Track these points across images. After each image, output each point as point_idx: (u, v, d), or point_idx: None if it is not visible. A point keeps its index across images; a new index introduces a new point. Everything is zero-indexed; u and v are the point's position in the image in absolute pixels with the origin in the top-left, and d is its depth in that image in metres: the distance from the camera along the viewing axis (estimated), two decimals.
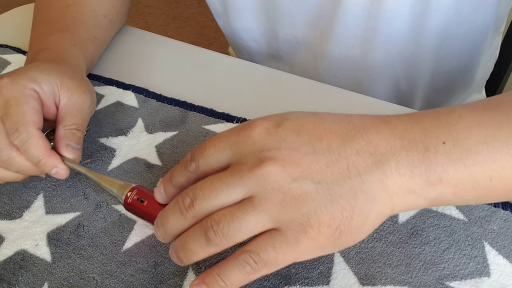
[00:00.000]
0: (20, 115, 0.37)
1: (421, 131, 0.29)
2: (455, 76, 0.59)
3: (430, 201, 0.29)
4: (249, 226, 0.27)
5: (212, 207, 0.28)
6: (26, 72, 0.40)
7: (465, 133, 0.28)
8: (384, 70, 0.57)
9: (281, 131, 0.29)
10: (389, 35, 0.52)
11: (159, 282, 0.34)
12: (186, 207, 0.28)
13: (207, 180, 0.29)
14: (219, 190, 0.28)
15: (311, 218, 0.27)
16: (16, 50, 0.58)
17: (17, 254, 0.36)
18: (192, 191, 0.29)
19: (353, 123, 0.29)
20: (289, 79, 0.51)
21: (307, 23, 0.56)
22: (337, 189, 0.27)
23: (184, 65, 0.54)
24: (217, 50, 0.56)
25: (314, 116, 0.30)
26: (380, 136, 0.28)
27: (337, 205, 0.27)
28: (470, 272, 0.33)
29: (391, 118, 0.30)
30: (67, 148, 0.38)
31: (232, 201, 0.28)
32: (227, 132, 0.30)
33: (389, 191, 0.28)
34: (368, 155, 0.28)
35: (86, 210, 0.39)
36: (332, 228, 0.27)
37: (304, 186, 0.27)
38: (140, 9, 2.10)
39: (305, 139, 0.28)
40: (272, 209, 0.27)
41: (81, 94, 0.41)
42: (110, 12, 0.54)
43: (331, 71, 0.60)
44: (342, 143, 0.28)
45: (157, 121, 0.46)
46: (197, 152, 0.30)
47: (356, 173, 0.27)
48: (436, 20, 0.50)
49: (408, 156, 0.28)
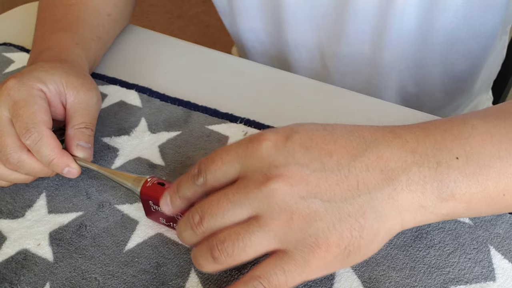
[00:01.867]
0: (30, 115, 0.37)
1: (433, 145, 0.28)
2: (464, 78, 0.59)
3: (441, 217, 0.28)
4: (254, 246, 0.27)
5: (220, 224, 0.28)
6: (32, 73, 0.40)
7: (478, 147, 0.28)
8: (393, 69, 0.57)
9: (289, 146, 0.28)
10: (398, 34, 0.52)
11: (161, 283, 0.33)
12: (195, 224, 0.28)
13: (214, 197, 0.28)
14: (225, 209, 0.28)
15: (319, 238, 0.26)
16: (20, 49, 0.58)
17: (19, 254, 0.36)
18: (200, 208, 0.29)
19: (363, 136, 0.29)
20: (294, 79, 0.51)
21: (312, 23, 0.56)
22: (346, 208, 0.27)
23: (188, 64, 0.54)
24: (221, 50, 0.56)
25: (324, 129, 0.29)
26: (391, 150, 0.28)
27: (346, 224, 0.26)
28: (475, 276, 0.32)
29: (402, 131, 0.29)
30: (77, 148, 0.38)
31: (238, 220, 0.28)
32: (235, 145, 0.29)
33: (399, 208, 0.27)
34: (379, 171, 0.27)
35: (89, 210, 0.39)
36: (341, 248, 0.27)
37: (312, 205, 0.26)
38: (144, 7, 2.10)
39: (314, 155, 0.27)
40: (279, 229, 0.27)
41: (86, 92, 0.41)
42: (113, 11, 0.54)
43: (341, 70, 0.60)
44: (352, 159, 0.27)
45: (160, 121, 0.46)
46: (204, 165, 0.30)
47: (366, 191, 0.27)
48: (444, 21, 0.50)
49: (420, 171, 0.27)
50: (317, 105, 0.47)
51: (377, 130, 0.29)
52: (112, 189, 0.40)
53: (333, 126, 0.30)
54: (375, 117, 0.45)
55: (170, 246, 0.36)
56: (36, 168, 0.38)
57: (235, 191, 0.28)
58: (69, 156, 0.38)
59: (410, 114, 0.45)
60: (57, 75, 0.40)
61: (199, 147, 0.43)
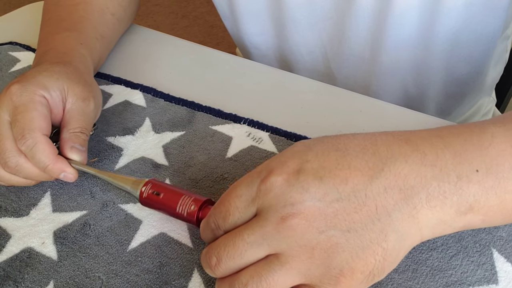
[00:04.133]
0: (27, 121, 0.37)
1: (453, 157, 0.27)
2: (466, 82, 0.58)
3: (458, 229, 0.28)
4: (279, 285, 0.27)
5: (239, 265, 0.28)
6: (36, 77, 0.40)
7: (498, 158, 0.27)
8: (393, 74, 0.57)
9: (302, 180, 0.27)
10: (397, 39, 0.52)
11: (164, 283, 0.34)
12: (213, 266, 0.28)
13: (229, 239, 0.28)
14: (243, 250, 0.27)
15: (343, 269, 0.26)
16: (26, 48, 0.58)
17: (24, 252, 0.37)
18: (216, 250, 0.28)
19: (378, 153, 0.27)
20: (297, 80, 0.51)
21: (313, 26, 0.56)
22: (368, 234, 0.26)
23: (192, 65, 0.54)
24: (225, 50, 0.56)
25: (336, 151, 0.28)
26: (409, 167, 0.27)
27: (369, 250, 0.26)
28: (477, 279, 0.32)
29: (419, 141, 0.28)
30: (72, 150, 0.39)
31: (257, 259, 0.27)
32: (246, 187, 0.28)
33: (419, 225, 0.27)
34: (397, 191, 0.27)
35: (93, 209, 0.39)
36: (365, 274, 0.26)
37: (333, 238, 0.26)
38: (149, 7, 2.11)
39: (329, 185, 0.26)
40: (301, 266, 0.26)
41: (84, 100, 0.41)
42: (118, 10, 0.55)
43: (343, 72, 0.60)
44: (369, 182, 0.27)
45: (164, 120, 0.46)
46: (221, 220, 0.29)
47: (385, 213, 0.26)
48: (445, 27, 0.50)
49: (440, 187, 0.27)
50: (321, 106, 0.47)
51: (393, 142, 0.28)
52: (116, 188, 0.40)
53: (345, 143, 0.28)
54: (378, 118, 0.45)
55: (173, 246, 0.36)
56: (33, 173, 0.38)
57: (251, 232, 0.27)
58: (64, 161, 0.38)
59: (414, 116, 0.45)
60: (60, 81, 0.40)
61: (202, 147, 0.43)
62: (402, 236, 0.27)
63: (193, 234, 0.37)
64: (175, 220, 0.37)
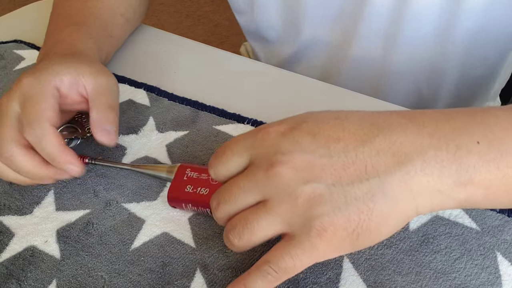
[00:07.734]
0: (37, 112, 0.37)
1: (453, 130, 0.27)
2: (479, 83, 0.58)
3: (459, 203, 0.28)
4: (262, 230, 0.28)
5: (234, 209, 0.29)
6: (47, 67, 0.40)
7: (500, 133, 0.27)
8: (405, 75, 0.56)
9: (296, 134, 0.28)
10: (412, 39, 0.51)
11: (166, 282, 0.34)
12: (214, 209, 0.30)
13: (227, 185, 0.30)
14: (236, 195, 0.29)
15: (324, 222, 0.26)
16: (31, 46, 0.58)
17: (27, 250, 0.37)
18: (218, 194, 0.30)
19: (376, 122, 0.28)
20: (301, 80, 0.51)
21: (330, 23, 0.55)
22: (353, 191, 0.26)
23: (197, 64, 0.54)
24: (229, 49, 0.56)
25: (336, 118, 0.29)
26: (406, 136, 0.27)
27: (353, 207, 0.26)
28: (481, 282, 0.32)
29: (420, 115, 0.28)
30: (102, 133, 0.39)
31: (249, 204, 0.29)
32: (245, 135, 0.30)
33: (413, 192, 0.27)
34: (390, 156, 0.27)
35: (96, 208, 0.39)
36: (348, 231, 0.27)
37: (317, 190, 0.27)
38: (153, 6, 2.11)
39: (321, 142, 0.27)
40: (285, 214, 0.27)
41: (104, 75, 0.41)
42: (127, 11, 0.55)
43: (352, 73, 0.59)
44: (361, 145, 0.27)
45: (168, 120, 0.46)
46: (220, 166, 0.30)
47: (375, 174, 0.26)
48: (464, 27, 0.49)
49: (437, 155, 0.26)
50: (325, 106, 0.47)
51: (392, 115, 0.28)
52: (119, 187, 0.40)
53: (347, 113, 0.29)
54: None
55: (176, 245, 0.36)
56: (25, 167, 0.37)
57: (245, 179, 0.29)
58: (73, 154, 0.38)
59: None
60: (71, 67, 0.40)
61: (206, 147, 0.43)
62: (392, 200, 0.26)
63: (196, 234, 0.37)
64: (178, 220, 0.37)
